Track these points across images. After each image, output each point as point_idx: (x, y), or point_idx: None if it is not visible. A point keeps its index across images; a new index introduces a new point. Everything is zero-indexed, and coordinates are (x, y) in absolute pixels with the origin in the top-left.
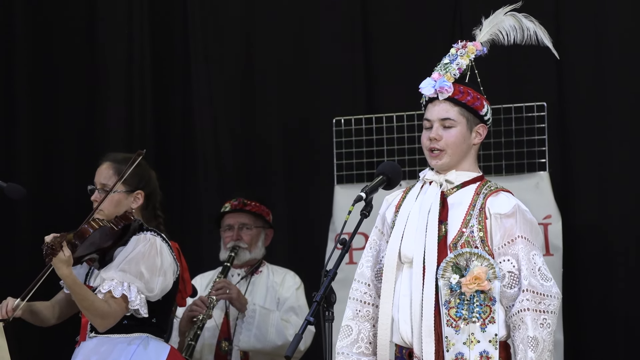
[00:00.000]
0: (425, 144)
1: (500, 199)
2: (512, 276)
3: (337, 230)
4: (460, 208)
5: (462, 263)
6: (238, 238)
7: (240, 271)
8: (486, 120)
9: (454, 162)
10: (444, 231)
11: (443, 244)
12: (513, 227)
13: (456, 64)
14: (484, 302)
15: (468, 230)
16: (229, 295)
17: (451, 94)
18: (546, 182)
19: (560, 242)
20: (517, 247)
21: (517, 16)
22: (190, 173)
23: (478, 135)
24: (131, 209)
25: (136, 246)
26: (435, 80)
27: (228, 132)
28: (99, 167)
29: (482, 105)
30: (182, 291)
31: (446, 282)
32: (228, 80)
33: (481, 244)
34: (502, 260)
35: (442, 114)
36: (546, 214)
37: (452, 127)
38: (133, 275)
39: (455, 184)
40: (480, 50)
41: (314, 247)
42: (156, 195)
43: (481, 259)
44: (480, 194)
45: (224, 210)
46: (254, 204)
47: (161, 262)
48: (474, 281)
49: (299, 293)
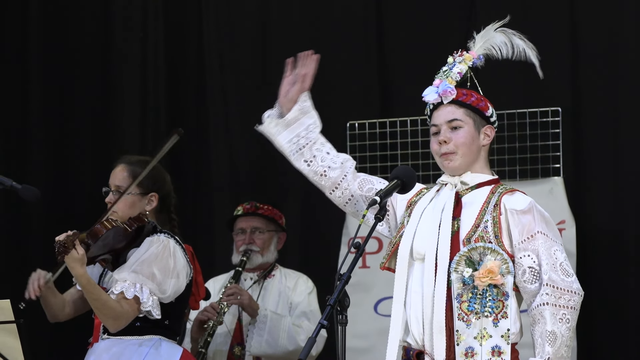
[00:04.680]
0: (435, 149)
1: (516, 197)
2: (532, 272)
3: (350, 234)
4: (474, 206)
5: (476, 257)
6: (250, 242)
7: (253, 275)
8: (492, 122)
9: (466, 163)
10: (456, 227)
11: (456, 239)
12: (531, 223)
13: (456, 69)
14: (497, 296)
15: (482, 225)
16: (240, 301)
17: (455, 96)
18: (560, 187)
19: (574, 247)
20: (537, 242)
21: (507, 32)
22: (204, 176)
23: (486, 137)
24: (145, 211)
25: (149, 247)
26: (437, 87)
27: (241, 136)
28: (114, 170)
29: (487, 106)
30: (196, 294)
31: (459, 276)
32: (242, 82)
33: (495, 239)
34: (522, 256)
35: (449, 116)
36: (560, 219)
37: (460, 128)
38: (145, 276)
39: (470, 185)
40: (477, 59)
41: (327, 251)
42: (170, 198)
43: (495, 254)
44: (495, 193)
45: (237, 214)
46: (267, 207)
47: (174, 263)
48: (487, 275)
49: (311, 298)
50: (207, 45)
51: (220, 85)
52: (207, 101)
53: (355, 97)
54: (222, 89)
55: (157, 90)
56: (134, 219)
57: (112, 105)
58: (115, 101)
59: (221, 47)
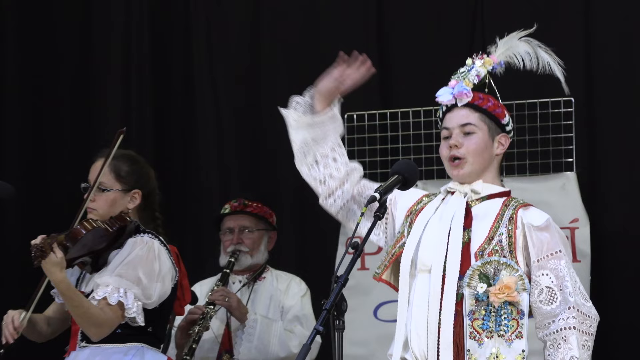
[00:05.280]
0: (444, 154)
1: (533, 212)
2: (550, 292)
3: (348, 233)
4: (486, 218)
5: (490, 272)
6: (239, 242)
7: (242, 278)
8: (508, 130)
9: (476, 172)
10: (467, 238)
11: (466, 251)
12: (550, 241)
13: (475, 72)
14: (512, 315)
15: (497, 238)
16: (228, 304)
17: (471, 99)
18: (573, 183)
19: (589, 248)
20: (560, 262)
21: (532, 43)
22: (192, 172)
23: (500, 146)
24: (127, 210)
25: (133, 249)
26: (452, 88)
27: (232, 130)
28: (94, 165)
29: (504, 114)
30: (181, 299)
31: (472, 292)
32: (233, 73)
33: (509, 254)
34: (540, 275)
35: (462, 120)
36: (573, 217)
37: (473, 134)
38: (130, 280)
39: (481, 195)
40: (498, 65)
41: (323, 251)
42: (155, 196)
43: (510, 269)
44: (510, 205)
45: (224, 212)
46: (256, 205)
47: (159, 266)
48: (504, 290)
49: (304, 301)
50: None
51: (209, 76)
52: (196, 92)
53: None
54: (212, 80)
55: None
56: (115, 218)
57: (93, 98)
58: (97, 95)
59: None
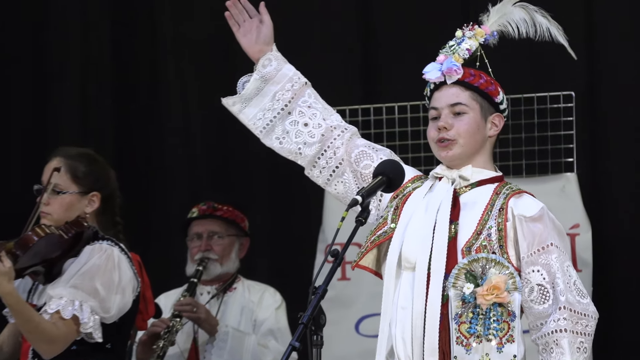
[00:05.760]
0: (432, 136)
1: (525, 201)
2: (541, 290)
3: (327, 240)
4: (475, 208)
5: (478, 270)
6: (207, 248)
7: (210, 288)
8: (502, 109)
9: (466, 154)
10: (453, 232)
11: (452, 247)
12: (543, 232)
13: (465, 45)
14: (502, 317)
15: (485, 232)
16: (196, 316)
17: (461, 76)
18: (574, 185)
19: (590, 256)
20: (550, 256)
21: (528, 9)
22: (156, 172)
23: (494, 127)
24: (85, 214)
25: (90, 258)
26: (441, 63)
27: (201, 127)
28: (48, 164)
29: (497, 91)
30: (143, 312)
31: (458, 292)
32: (202, 65)
33: (499, 249)
34: (531, 271)
35: (452, 99)
36: (573, 222)
37: (463, 114)
38: (86, 292)
39: (471, 182)
40: (490, 36)
41: (300, 259)
42: (115, 198)
43: (500, 267)
44: (501, 194)
45: (191, 217)
46: (226, 208)
47: (119, 277)
48: (492, 291)
49: (279, 314)
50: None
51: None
52: (161, 87)
53: (335, 79)
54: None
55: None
56: (71, 223)
57: (50, 94)
58: (53, 90)
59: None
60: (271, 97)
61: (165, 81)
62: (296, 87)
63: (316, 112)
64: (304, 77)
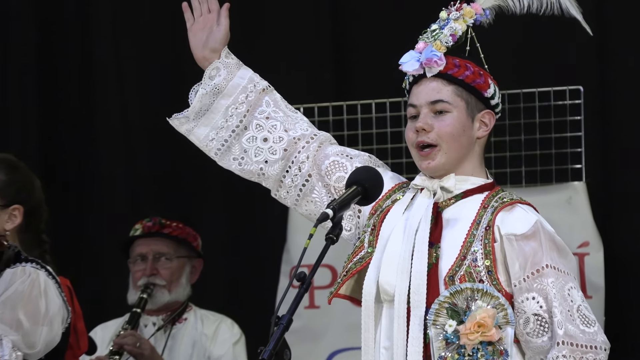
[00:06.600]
0: (410, 139)
1: (516, 215)
2: (539, 320)
3: (292, 261)
4: (459, 227)
5: (461, 304)
6: (153, 273)
7: (156, 319)
8: (493, 105)
9: (451, 162)
10: (434, 257)
11: (434, 275)
12: (537, 252)
13: (449, 29)
14: (492, 356)
15: (470, 256)
16: (140, 352)
17: (443, 67)
18: (582, 196)
19: (602, 279)
20: (546, 280)
21: None
22: (90, 183)
23: (483, 126)
24: (5, 231)
25: (11, 283)
26: (420, 52)
27: (143, 131)
28: None
29: (487, 83)
30: (74, 347)
31: (439, 331)
32: (146, 62)
33: (488, 276)
34: (524, 299)
35: (432, 95)
36: (582, 240)
37: (446, 113)
38: (7, 324)
39: (455, 194)
40: (482, 15)
41: (261, 284)
42: (41, 213)
43: (487, 298)
44: (489, 207)
45: (134, 235)
46: (175, 225)
47: (46, 305)
48: (477, 329)
49: (237, 349)
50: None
51: (113, 54)
52: (97, 86)
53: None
54: (116, 59)
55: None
56: None
57: None
58: None
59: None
60: (223, 112)
61: (100, 75)
62: (252, 98)
63: (276, 124)
64: (264, 81)
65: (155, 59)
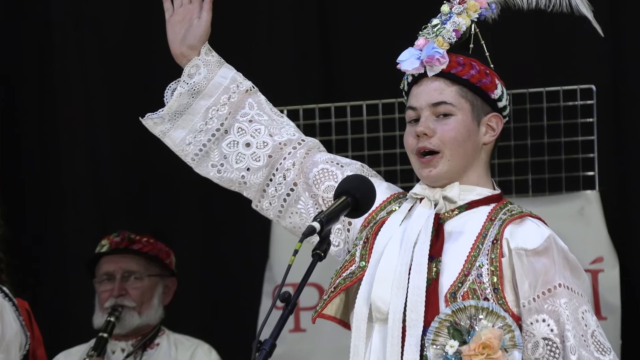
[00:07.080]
0: (410, 145)
1: (526, 228)
2: (549, 345)
3: (276, 279)
4: (462, 240)
5: (464, 323)
6: (121, 293)
7: (126, 345)
8: (501, 108)
9: (455, 170)
10: (434, 272)
11: (433, 292)
12: (549, 270)
13: (451, 24)
14: None
15: (474, 272)
16: None
17: (446, 66)
18: (596, 206)
19: (618, 298)
20: (558, 301)
21: None
22: (52, 194)
23: (490, 131)
24: None
25: None
26: (420, 49)
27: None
28: None
29: (494, 84)
30: None
31: (439, 352)
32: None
33: (494, 294)
34: (534, 321)
35: (434, 97)
36: (595, 255)
37: (449, 116)
38: None
39: (458, 204)
40: (487, 9)
41: (242, 305)
42: None
43: (493, 317)
44: (496, 219)
45: (100, 251)
46: (146, 240)
47: (2, 330)
48: (482, 351)
49: None
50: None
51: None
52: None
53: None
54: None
55: None
56: None
57: None
58: None
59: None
60: (203, 114)
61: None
62: (235, 99)
63: (260, 127)
64: (247, 81)
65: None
